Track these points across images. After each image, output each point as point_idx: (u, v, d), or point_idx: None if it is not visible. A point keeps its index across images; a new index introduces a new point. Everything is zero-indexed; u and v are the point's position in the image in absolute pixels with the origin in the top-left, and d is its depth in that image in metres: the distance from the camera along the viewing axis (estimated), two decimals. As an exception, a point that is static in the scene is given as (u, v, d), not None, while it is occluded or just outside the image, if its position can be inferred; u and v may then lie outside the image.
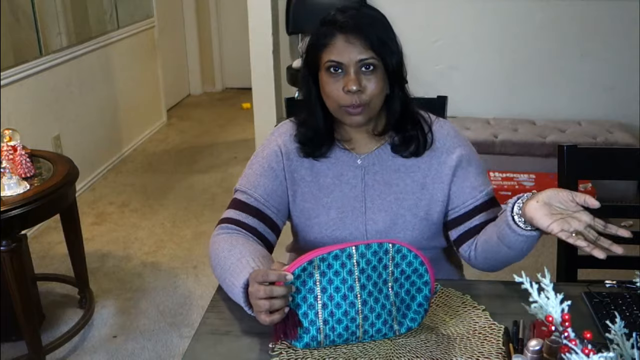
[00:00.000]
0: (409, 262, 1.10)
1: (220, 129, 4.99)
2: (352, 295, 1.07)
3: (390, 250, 1.09)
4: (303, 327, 1.07)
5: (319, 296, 1.07)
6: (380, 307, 1.09)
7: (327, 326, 1.07)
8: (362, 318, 1.08)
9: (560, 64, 3.75)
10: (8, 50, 2.96)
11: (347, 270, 1.07)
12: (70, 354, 2.34)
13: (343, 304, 1.07)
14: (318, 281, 1.07)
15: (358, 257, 1.08)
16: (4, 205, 1.96)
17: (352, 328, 1.08)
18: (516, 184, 3.18)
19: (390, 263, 1.10)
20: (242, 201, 1.36)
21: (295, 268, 1.05)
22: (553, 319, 0.90)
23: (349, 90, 1.24)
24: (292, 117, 1.44)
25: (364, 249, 1.08)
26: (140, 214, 3.48)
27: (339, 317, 1.07)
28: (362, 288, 1.08)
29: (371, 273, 1.08)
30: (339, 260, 1.07)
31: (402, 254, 1.10)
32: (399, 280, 1.11)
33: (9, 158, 2.12)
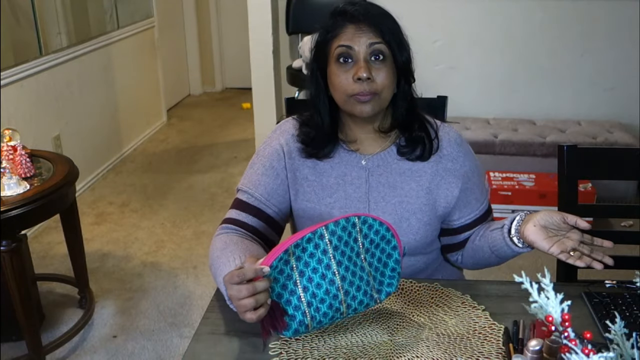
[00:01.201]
0: (375, 231, 1.13)
1: (220, 129, 4.99)
2: (330, 273, 1.08)
3: (357, 223, 1.11)
4: (288, 314, 1.07)
5: (298, 281, 1.07)
6: (358, 279, 1.11)
7: (311, 308, 1.08)
8: (344, 293, 1.09)
9: (560, 64, 3.75)
10: (8, 50, 2.96)
11: (322, 250, 1.08)
12: (70, 354, 2.34)
13: (323, 283, 1.08)
14: (295, 266, 1.07)
15: (329, 235, 1.09)
16: (4, 205, 1.96)
17: (335, 305, 1.09)
18: (516, 184, 3.18)
19: (359, 235, 1.12)
20: (243, 201, 1.37)
21: (272, 260, 1.05)
22: (553, 319, 0.90)
23: (359, 77, 1.24)
24: (295, 115, 1.43)
25: (334, 227, 1.09)
26: (140, 214, 3.48)
27: (322, 296, 1.08)
28: (338, 264, 1.09)
29: (344, 248, 1.10)
30: (312, 242, 1.08)
31: (368, 224, 1.12)
32: (370, 250, 1.13)
33: (9, 158, 2.12)
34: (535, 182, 3.20)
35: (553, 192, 2.83)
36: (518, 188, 3.14)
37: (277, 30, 3.85)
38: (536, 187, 3.15)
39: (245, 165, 1.44)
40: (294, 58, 4.13)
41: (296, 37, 4.07)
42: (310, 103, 1.36)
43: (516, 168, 3.36)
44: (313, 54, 1.33)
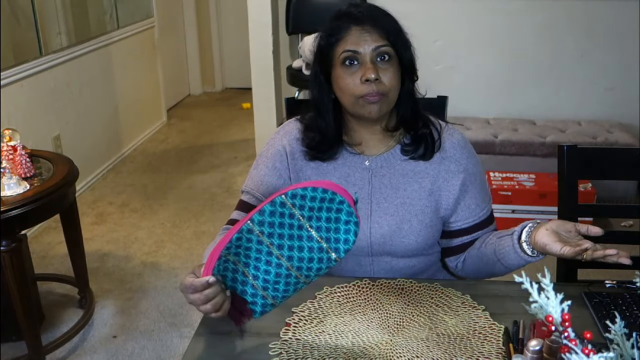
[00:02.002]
0: (311, 197, 1.06)
1: (220, 129, 4.99)
2: (274, 258, 1.07)
3: (286, 200, 1.05)
4: (249, 302, 1.08)
5: (245, 271, 1.07)
6: (308, 251, 1.07)
7: (268, 290, 1.08)
8: (296, 269, 1.07)
9: (560, 64, 3.75)
10: (8, 50, 2.96)
11: (256, 242, 1.06)
12: (70, 354, 2.34)
13: (270, 269, 1.07)
14: (236, 261, 1.07)
15: (257, 226, 1.05)
16: (4, 205, 1.96)
17: (292, 280, 1.08)
18: (516, 184, 3.18)
19: (294, 210, 1.06)
20: (245, 202, 1.38)
21: (212, 269, 1.05)
22: (553, 319, 0.90)
23: (367, 79, 1.24)
24: (298, 116, 1.43)
25: (259, 216, 1.05)
26: (140, 214, 3.48)
27: (274, 279, 1.07)
28: (279, 248, 1.06)
29: (280, 231, 1.06)
30: (242, 239, 1.06)
31: (299, 195, 1.05)
32: (312, 216, 1.07)
33: (9, 158, 2.12)
34: (535, 182, 3.20)
35: (553, 192, 2.82)
36: (518, 188, 3.14)
37: (277, 30, 3.85)
38: (536, 187, 3.15)
39: (246, 165, 1.45)
40: (294, 58, 4.13)
41: (296, 37, 4.07)
42: (314, 107, 1.36)
43: (516, 168, 3.36)
44: (316, 57, 1.33)
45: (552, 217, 3.44)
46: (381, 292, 1.25)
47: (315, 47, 1.32)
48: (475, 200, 1.37)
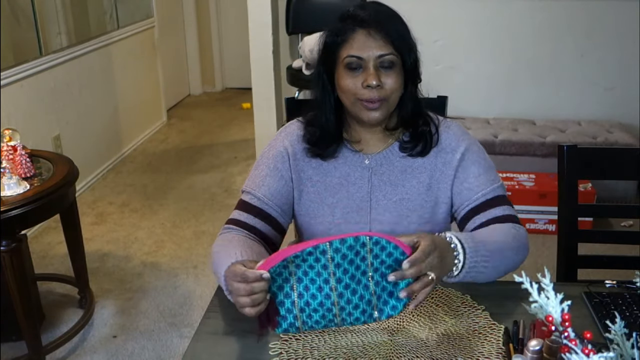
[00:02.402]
0: (388, 253, 1.07)
1: (220, 129, 4.99)
2: (327, 288, 1.07)
3: (368, 243, 1.06)
4: (280, 315, 1.07)
5: (294, 286, 1.07)
6: (359, 298, 1.08)
7: (303, 314, 1.07)
8: (339, 308, 1.08)
9: (560, 64, 3.75)
10: (8, 50, 2.96)
11: (322, 265, 1.06)
12: (70, 354, 2.34)
13: (318, 295, 1.07)
14: (293, 272, 1.06)
15: (332, 252, 1.06)
16: (4, 205, 1.96)
17: (328, 317, 1.08)
18: (516, 184, 3.18)
19: (368, 255, 1.07)
20: (246, 202, 1.38)
21: (270, 267, 1.04)
22: (553, 319, 0.90)
23: (368, 85, 1.24)
24: (300, 117, 1.43)
25: (339, 244, 1.06)
26: (140, 214, 3.48)
27: (315, 307, 1.07)
28: (338, 281, 1.07)
29: (348, 267, 1.07)
30: (312, 256, 1.06)
31: (381, 245, 1.07)
32: (379, 269, 1.08)
33: (9, 158, 2.12)
34: (535, 182, 3.20)
35: (553, 192, 2.83)
36: (518, 188, 3.14)
37: (277, 30, 3.85)
38: (536, 187, 3.15)
39: (246, 165, 1.45)
40: (294, 58, 4.13)
41: (296, 37, 4.07)
42: (316, 104, 1.36)
43: (516, 168, 3.36)
44: (321, 56, 1.33)
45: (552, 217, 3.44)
46: (381, 292, 1.25)
47: (321, 45, 1.32)
48: (478, 179, 1.35)
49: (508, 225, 1.31)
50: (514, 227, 1.31)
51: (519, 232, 1.31)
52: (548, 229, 3.13)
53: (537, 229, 3.14)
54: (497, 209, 1.34)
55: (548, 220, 3.12)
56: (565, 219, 1.61)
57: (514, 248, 1.27)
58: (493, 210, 1.33)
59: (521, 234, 1.31)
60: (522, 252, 1.29)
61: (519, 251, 1.28)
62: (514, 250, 1.27)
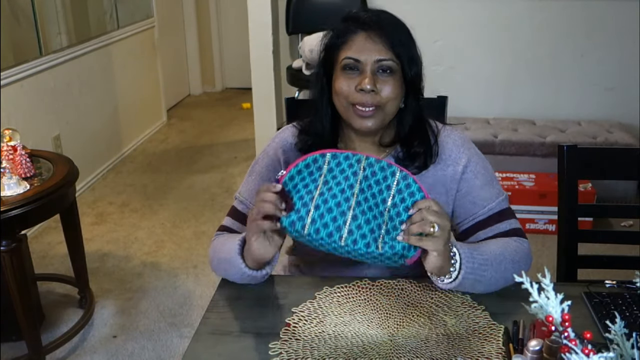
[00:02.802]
0: (411, 193, 1.10)
1: (220, 129, 4.99)
2: (349, 192, 1.10)
3: (397, 174, 1.11)
4: (295, 208, 1.10)
5: (319, 185, 1.11)
6: (372, 216, 1.10)
7: (317, 211, 1.09)
8: (352, 216, 1.09)
9: (560, 64, 3.75)
10: (8, 50, 2.96)
11: (353, 171, 1.11)
12: (70, 354, 2.34)
13: (339, 196, 1.10)
14: (323, 174, 1.11)
15: (366, 164, 1.12)
16: (4, 205, 1.96)
17: (339, 222, 1.09)
18: (516, 184, 3.18)
19: (393, 186, 1.11)
20: (238, 210, 1.38)
21: (308, 156, 1.12)
22: (553, 319, 0.90)
23: (362, 88, 1.21)
24: (295, 122, 1.40)
25: (374, 161, 1.12)
26: (140, 214, 3.48)
27: (331, 205, 1.09)
28: (361, 191, 1.11)
29: (373, 184, 1.11)
30: (348, 160, 1.12)
31: (407, 182, 1.11)
32: (398, 207, 1.10)
33: (9, 158, 2.12)
34: (535, 182, 3.20)
35: (553, 192, 2.83)
36: (518, 188, 3.14)
37: (277, 30, 3.85)
38: (536, 187, 3.15)
39: (245, 165, 1.45)
40: (294, 58, 4.13)
41: (296, 37, 4.07)
42: (312, 108, 1.33)
43: (516, 168, 3.36)
44: (321, 58, 1.30)
45: (552, 217, 3.44)
46: (381, 292, 1.25)
47: (321, 47, 1.30)
48: (482, 192, 1.32)
49: (511, 238, 1.30)
50: (516, 240, 1.30)
51: (520, 246, 1.29)
52: (548, 229, 3.13)
53: (537, 229, 3.14)
54: (502, 224, 1.31)
55: (548, 220, 3.12)
56: (565, 219, 1.61)
57: (515, 261, 1.24)
58: (498, 226, 1.31)
59: (523, 248, 1.29)
60: (522, 265, 1.26)
61: (519, 264, 1.25)
62: (514, 263, 1.24)
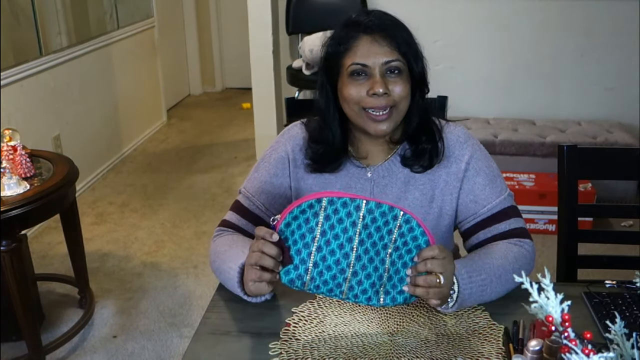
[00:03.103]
0: (414, 237, 1.06)
1: (220, 129, 4.99)
2: (348, 247, 1.06)
3: (400, 218, 1.06)
4: (293, 263, 1.07)
5: (317, 237, 1.06)
6: (373, 268, 1.07)
7: (316, 269, 1.07)
8: (352, 273, 1.07)
9: (560, 64, 3.75)
10: (8, 50, 2.96)
11: (351, 222, 1.06)
12: (70, 354, 2.34)
13: (337, 252, 1.06)
14: (320, 223, 1.06)
15: (365, 211, 1.05)
16: (4, 205, 1.96)
17: (339, 279, 1.07)
18: (516, 184, 3.18)
19: (395, 230, 1.06)
20: (244, 206, 1.36)
21: (303, 202, 1.06)
22: (553, 319, 0.90)
23: (374, 93, 1.20)
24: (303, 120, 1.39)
25: (374, 207, 1.06)
26: (140, 214, 3.48)
27: (330, 264, 1.06)
28: (360, 243, 1.06)
29: (373, 232, 1.06)
30: (346, 208, 1.05)
31: (411, 226, 1.06)
32: (400, 250, 1.07)
33: (9, 158, 2.12)
34: (535, 182, 3.20)
35: (553, 192, 2.83)
36: (518, 188, 3.14)
37: (277, 30, 3.85)
38: (536, 187, 3.15)
39: (246, 165, 1.44)
40: (294, 58, 4.13)
41: (296, 37, 4.07)
42: (320, 116, 1.32)
43: (516, 168, 3.36)
44: (323, 66, 1.29)
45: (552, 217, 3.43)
46: (381, 292, 1.25)
47: (323, 54, 1.28)
48: (484, 191, 1.31)
49: (512, 242, 1.28)
50: (517, 243, 1.27)
51: (521, 250, 1.26)
52: (548, 229, 3.13)
53: (537, 229, 3.14)
54: (503, 223, 1.30)
55: (548, 220, 3.12)
56: (565, 219, 1.61)
57: (515, 269, 1.21)
58: (499, 226, 1.30)
59: (524, 252, 1.26)
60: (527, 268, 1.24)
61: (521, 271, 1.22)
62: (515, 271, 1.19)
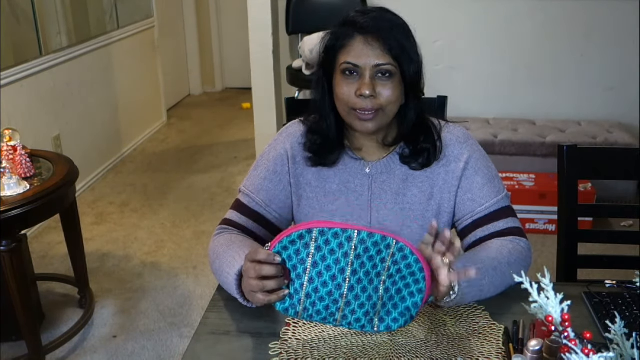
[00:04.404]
0: (408, 264, 1.06)
1: (220, 129, 4.99)
2: (341, 278, 1.06)
3: (392, 246, 1.06)
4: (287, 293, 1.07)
5: (308, 269, 1.06)
6: (367, 297, 1.07)
7: (308, 300, 1.06)
8: (345, 303, 1.06)
9: (560, 64, 3.74)
10: (8, 50, 2.96)
11: (343, 252, 1.05)
12: (70, 354, 2.34)
13: (330, 284, 1.06)
14: (312, 254, 1.05)
15: (357, 242, 1.05)
16: (4, 205, 1.96)
17: (332, 309, 1.07)
18: (516, 184, 3.18)
19: (388, 258, 1.06)
20: (244, 204, 1.37)
21: (293, 232, 1.05)
22: (553, 319, 0.90)
23: (361, 94, 1.21)
24: (301, 118, 1.41)
25: (366, 237, 1.05)
26: (140, 214, 3.48)
27: (322, 295, 1.06)
28: (353, 273, 1.06)
29: (366, 261, 1.06)
30: (338, 239, 1.05)
31: (404, 254, 1.06)
32: (394, 277, 1.07)
33: (9, 158, 2.12)
34: (535, 182, 3.20)
35: (553, 192, 2.83)
36: (518, 188, 3.14)
37: (277, 30, 3.85)
38: (536, 187, 3.15)
39: (246, 165, 1.44)
40: (294, 58, 4.13)
41: (296, 37, 4.07)
42: (316, 108, 1.34)
43: (516, 168, 3.36)
44: (321, 59, 1.30)
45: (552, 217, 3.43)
46: (381, 292, 1.25)
47: (321, 49, 1.30)
48: (482, 190, 1.32)
49: (507, 239, 1.28)
50: (512, 240, 1.28)
51: (517, 246, 1.27)
52: (548, 229, 3.13)
53: (537, 229, 3.14)
54: (500, 222, 1.31)
55: (548, 220, 3.12)
56: (565, 219, 1.61)
57: (510, 263, 1.22)
58: (496, 224, 1.31)
59: (519, 248, 1.27)
60: (520, 266, 1.24)
61: (516, 265, 1.24)
62: (510, 265, 1.23)
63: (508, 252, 1.25)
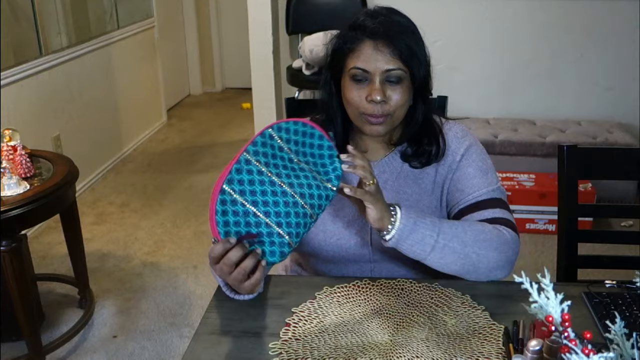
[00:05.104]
0: (294, 131, 1.13)
1: (220, 129, 4.99)
2: (277, 187, 1.07)
3: (273, 133, 1.12)
4: (267, 242, 1.06)
5: (255, 211, 1.05)
6: (304, 178, 1.10)
7: (282, 227, 1.06)
8: (300, 196, 1.08)
9: (560, 64, 3.75)
10: (8, 50, 2.96)
11: (257, 172, 1.07)
12: (70, 354, 2.34)
13: (278, 199, 1.07)
14: (244, 201, 1.05)
15: (253, 156, 1.08)
16: (4, 205, 1.96)
17: (300, 211, 1.07)
18: (516, 184, 3.18)
19: (282, 143, 1.12)
20: None
21: (214, 206, 1.04)
22: (553, 319, 0.90)
23: (372, 99, 1.22)
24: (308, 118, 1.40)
25: (253, 147, 1.09)
26: (140, 214, 3.48)
27: (284, 210, 1.06)
28: (278, 176, 1.08)
29: (274, 161, 1.10)
30: (242, 172, 1.06)
31: (284, 128, 1.13)
32: (299, 151, 1.13)
33: (9, 158, 2.12)
34: (535, 182, 3.20)
35: (553, 192, 2.83)
36: (518, 188, 3.14)
37: (277, 30, 3.85)
38: (536, 187, 3.15)
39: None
40: (294, 58, 4.13)
41: (296, 37, 4.07)
42: (323, 109, 1.35)
43: (516, 168, 3.36)
44: (328, 61, 1.30)
45: (552, 217, 3.43)
46: (381, 292, 1.25)
47: (329, 51, 1.30)
48: (471, 181, 1.32)
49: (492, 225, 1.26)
50: (497, 227, 1.26)
51: (499, 232, 1.24)
52: (548, 229, 3.13)
53: (537, 229, 3.14)
54: (488, 211, 1.29)
55: (548, 220, 3.12)
56: (565, 219, 1.61)
57: (481, 240, 1.20)
58: (482, 212, 1.29)
59: (500, 234, 1.24)
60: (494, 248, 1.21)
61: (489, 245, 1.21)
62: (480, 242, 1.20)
63: (482, 229, 1.22)
